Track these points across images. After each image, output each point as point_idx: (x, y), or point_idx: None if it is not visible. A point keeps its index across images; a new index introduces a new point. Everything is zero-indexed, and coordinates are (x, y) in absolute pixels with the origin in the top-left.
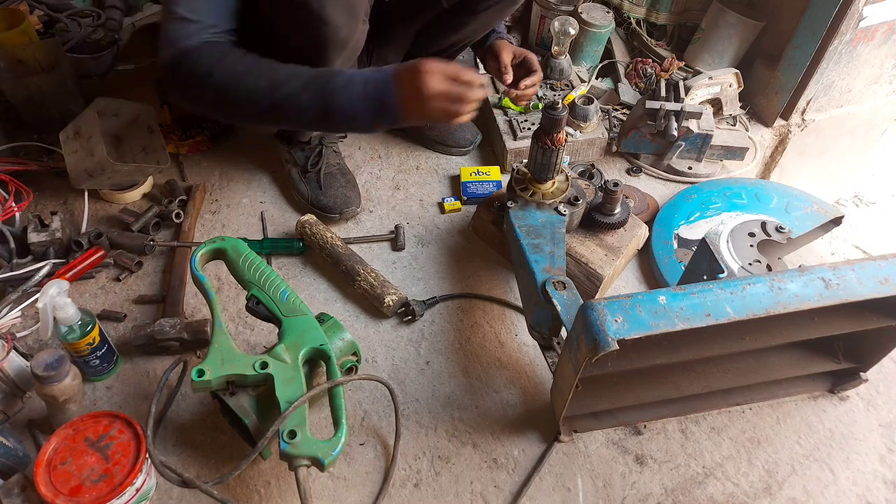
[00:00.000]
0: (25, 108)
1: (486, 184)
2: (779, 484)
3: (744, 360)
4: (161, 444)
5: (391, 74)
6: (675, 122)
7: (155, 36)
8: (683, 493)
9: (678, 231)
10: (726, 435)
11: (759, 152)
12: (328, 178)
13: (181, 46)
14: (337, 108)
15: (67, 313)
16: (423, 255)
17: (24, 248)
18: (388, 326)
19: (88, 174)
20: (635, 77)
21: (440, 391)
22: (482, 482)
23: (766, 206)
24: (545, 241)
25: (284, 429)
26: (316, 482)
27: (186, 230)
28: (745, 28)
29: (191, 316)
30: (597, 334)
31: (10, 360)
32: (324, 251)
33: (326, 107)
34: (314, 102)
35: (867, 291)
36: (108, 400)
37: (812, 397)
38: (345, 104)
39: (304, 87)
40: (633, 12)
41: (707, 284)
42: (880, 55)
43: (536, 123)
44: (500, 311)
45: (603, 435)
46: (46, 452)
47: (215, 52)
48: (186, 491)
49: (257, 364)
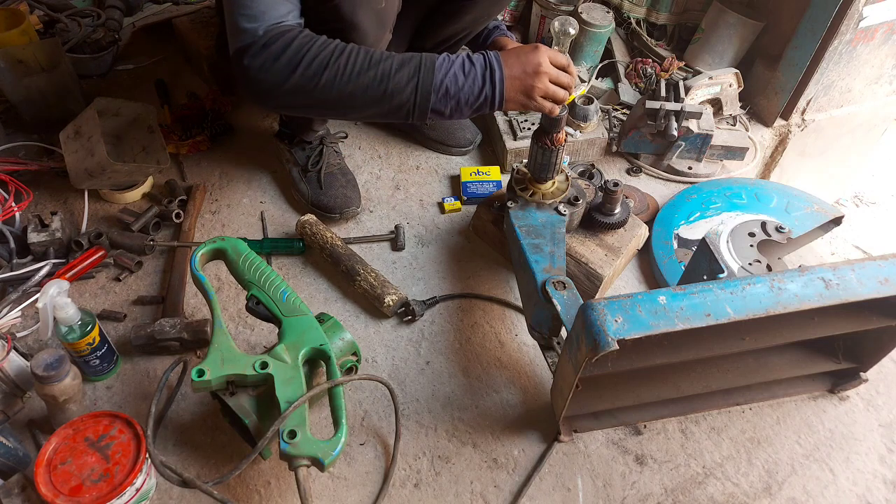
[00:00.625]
0: (25, 108)
1: (486, 184)
2: (779, 484)
3: (744, 360)
4: (161, 444)
5: (496, 54)
6: (675, 122)
7: (155, 36)
8: (683, 493)
9: (678, 231)
10: (726, 435)
11: (759, 152)
12: (328, 177)
13: (275, 24)
14: (437, 85)
15: (67, 313)
16: (423, 255)
17: (24, 248)
18: (388, 326)
19: (88, 174)
20: (635, 77)
21: (440, 391)
22: (482, 482)
23: (766, 206)
24: (545, 241)
25: (284, 429)
26: (316, 482)
27: (186, 230)
28: (745, 28)
29: (191, 316)
30: (597, 334)
31: (10, 360)
32: (324, 251)
33: (425, 83)
34: (411, 80)
35: (867, 291)
36: (108, 400)
37: (812, 397)
38: (447, 80)
39: (403, 62)
40: (633, 12)
41: (707, 284)
42: (880, 55)
43: (536, 123)
44: (500, 311)
45: (603, 435)
46: (46, 452)
47: (307, 33)
48: (186, 491)
49: (257, 364)
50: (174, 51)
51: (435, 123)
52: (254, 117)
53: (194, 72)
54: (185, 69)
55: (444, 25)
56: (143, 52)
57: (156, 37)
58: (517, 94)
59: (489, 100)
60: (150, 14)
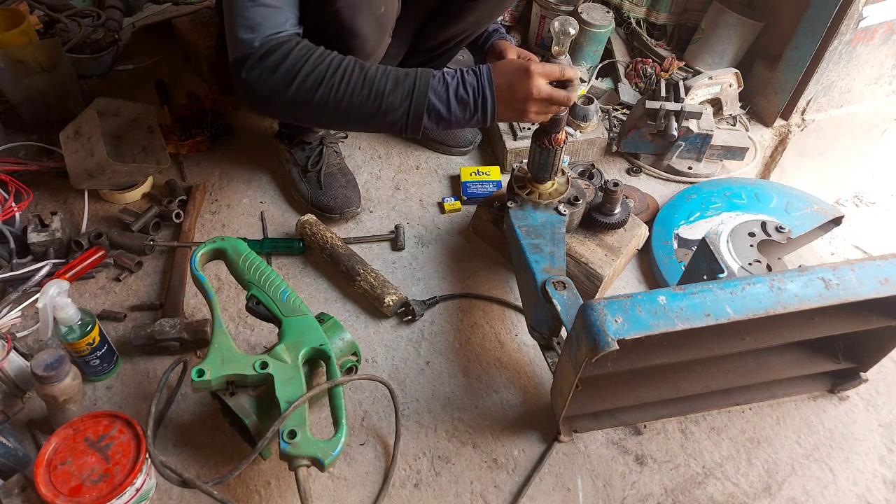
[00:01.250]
0: (25, 109)
1: (486, 184)
2: (779, 484)
3: (744, 360)
4: (161, 444)
5: (489, 73)
6: (675, 122)
7: (155, 36)
8: (683, 493)
9: (678, 231)
10: (726, 435)
11: (759, 152)
12: (328, 178)
13: (272, 35)
14: (430, 107)
15: (67, 313)
16: (423, 255)
17: (24, 248)
18: (388, 326)
19: (88, 174)
20: (635, 77)
21: (440, 391)
22: (482, 482)
23: (766, 206)
24: (545, 241)
25: (284, 429)
26: (316, 482)
27: (186, 230)
28: (745, 28)
29: (191, 316)
30: (597, 334)
31: (10, 360)
32: (324, 251)
33: (417, 105)
34: (404, 101)
35: (867, 291)
36: (108, 400)
37: (812, 397)
38: (440, 105)
39: (398, 82)
40: (633, 12)
41: (707, 284)
42: (880, 55)
43: (536, 123)
44: (500, 311)
45: (603, 435)
46: (46, 452)
47: (304, 44)
48: (186, 491)
49: (257, 364)
50: (174, 51)
51: None
52: (254, 117)
53: (194, 72)
54: (185, 69)
55: (445, 27)
56: (143, 53)
57: (156, 37)
58: (509, 116)
59: (479, 123)
60: (150, 14)
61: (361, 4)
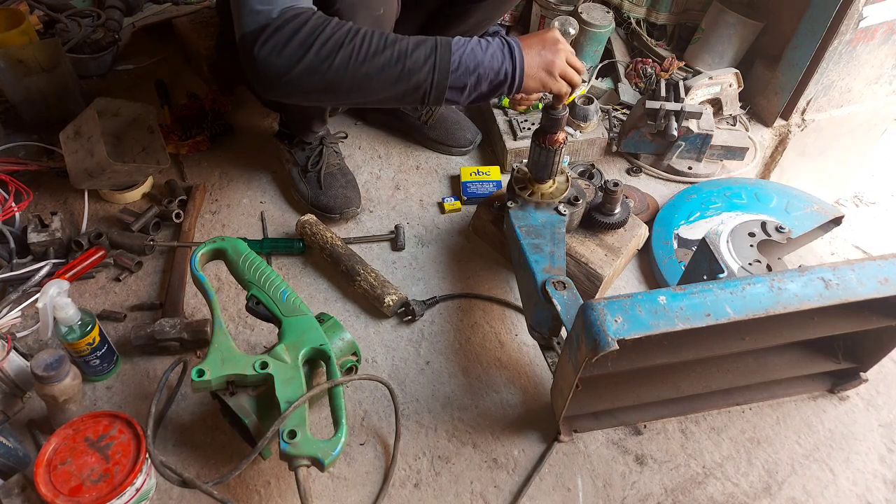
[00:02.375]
0: (25, 108)
1: (486, 184)
2: (779, 484)
3: (744, 360)
4: (161, 444)
5: (516, 39)
6: (675, 122)
7: (155, 36)
8: (683, 493)
9: (678, 231)
10: (726, 435)
11: (759, 152)
12: (328, 178)
13: (290, 6)
14: (455, 62)
15: (67, 313)
16: (423, 255)
17: (24, 248)
18: (388, 326)
19: (88, 174)
20: (635, 77)
21: (440, 391)
22: (482, 482)
23: (766, 206)
24: (545, 241)
25: (284, 429)
26: (316, 482)
27: (186, 230)
28: (745, 28)
29: (191, 316)
30: (597, 334)
31: (10, 360)
32: (324, 251)
33: (443, 60)
34: (429, 58)
35: (867, 291)
36: (108, 400)
37: (812, 397)
38: (465, 57)
39: (419, 43)
40: (633, 12)
41: (707, 284)
42: (880, 55)
43: (536, 123)
44: (500, 311)
45: (603, 435)
46: (46, 452)
47: (321, 14)
48: (186, 491)
49: (257, 364)
50: (174, 51)
51: (435, 123)
52: (254, 117)
53: (194, 72)
54: (184, 69)
55: (445, 29)
56: (143, 53)
57: (156, 37)
58: (538, 71)
59: (509, 76)
60: (150, 14)
61: (360, 6)
